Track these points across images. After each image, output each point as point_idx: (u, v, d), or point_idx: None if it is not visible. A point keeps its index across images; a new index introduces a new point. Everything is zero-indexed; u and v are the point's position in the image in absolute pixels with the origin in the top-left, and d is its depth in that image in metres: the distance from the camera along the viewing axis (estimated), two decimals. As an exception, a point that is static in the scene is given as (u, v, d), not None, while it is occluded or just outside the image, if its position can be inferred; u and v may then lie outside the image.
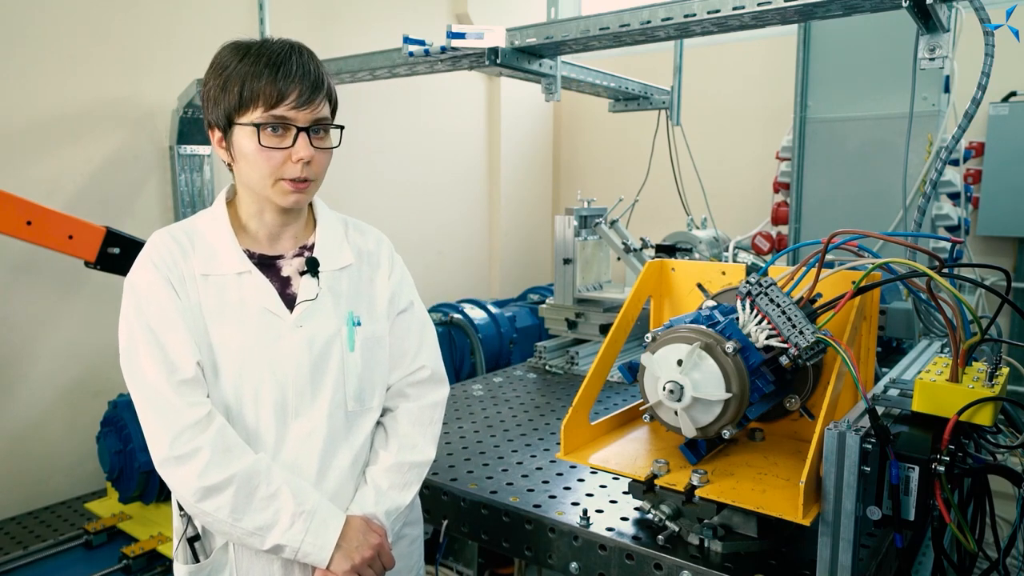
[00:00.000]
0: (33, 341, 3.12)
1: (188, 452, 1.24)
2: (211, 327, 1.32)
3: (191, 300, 1.33)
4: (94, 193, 3.26)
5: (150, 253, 1.34)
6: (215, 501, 1.24)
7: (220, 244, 1.37)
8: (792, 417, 1.63)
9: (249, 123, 1.28)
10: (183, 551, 1.35)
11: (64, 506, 3.12)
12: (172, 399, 1.25)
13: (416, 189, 4.87)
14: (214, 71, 1.32)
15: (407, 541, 1.55)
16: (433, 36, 2.57)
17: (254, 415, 1.33)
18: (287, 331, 1.36)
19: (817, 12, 1.91)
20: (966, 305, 1.26)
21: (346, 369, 1.40)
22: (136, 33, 3.36)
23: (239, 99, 1.28)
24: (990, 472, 1.28)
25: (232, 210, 1.42)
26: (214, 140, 1.36)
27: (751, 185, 4.53)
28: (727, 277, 1.72)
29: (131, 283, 1.33)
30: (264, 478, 1.28)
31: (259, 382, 1.33)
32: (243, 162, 1.32)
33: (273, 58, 1.28)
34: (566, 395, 2.57)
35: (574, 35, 2.23)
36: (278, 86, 1.26)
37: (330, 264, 1.43)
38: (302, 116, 1.29)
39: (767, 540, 1.43)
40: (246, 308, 1.34)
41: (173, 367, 1.27)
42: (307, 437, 1.36)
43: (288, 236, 1.44)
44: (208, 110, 1.34)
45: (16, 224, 2.45)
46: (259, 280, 1.37)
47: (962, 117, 1.76)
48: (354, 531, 1.33)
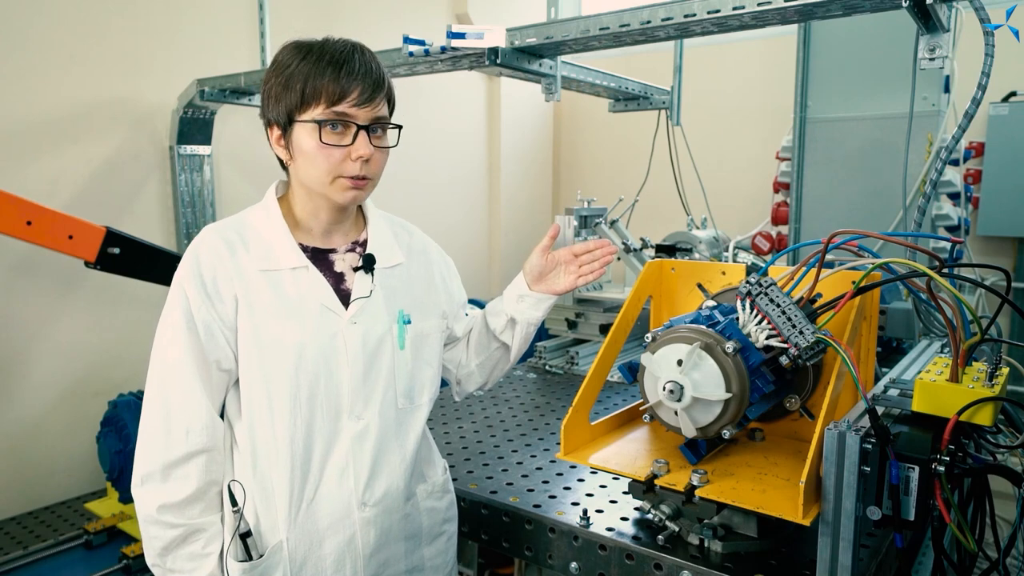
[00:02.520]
0: (33, 341, 3.12)
1: (176, 479, 1.29)
2: (266, 323, 1.32)
3: (244, 298, 1.31)
4: (94, 193, 3.26)
5: (197, 252, 1.33)
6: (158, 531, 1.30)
7: (275, 239, 1.37)
8: (792, 417, 1.63)
9: (310, 120, 1.29)
10: (235, 547, 1.32)
11: (64, 506, 3.12)
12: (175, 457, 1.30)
13: (416, 189, 4.87)
14: (276, 70, 1.32)
15: (445, 537, 1.57)
16: (433, 36, 2.57)
17: (308, 413, 1.33)
18: (343, 328, 1.36)
19: (817, 12, 1.91)
20: (966, 305, 1.26)
21: (397, 367, 1.42)
22: (136, 33, 3.36)
23: (301, 96, 1.28)
24: (990, 472, 1.28)
25: (283, 205, 1.42)
26: (272, 138, 1.36)
27: (751, 185, 4.53)
28: (727, 277, 1.72)
29: (177, 284, 1.33)
30: (204, 538, 1.31)
31: (315, 380, 1.33)
32: (302, 159, 1.32)
33: (336, 56, 1.29)
34: (566, 395, 2.57)
35: (574, 35, 2.23)
36: (340, 83, 1.28)
37: (384, 261, 1.45)
38: (363, 114, 1.31)
39: (767, 540, 1.43)
40: (303, 304, 1.34)
41: (170, 441, 1.30)
42: (360, 436, 1.37)
43: (341, 232, 1.45)
44: (268, 108, 1.34)
45: (16, 224, 2.45)
46: (315, 276, 1.37)
47: (962, 117, 1.76)
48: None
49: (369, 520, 1.39)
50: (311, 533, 1.35)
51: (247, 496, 1.33)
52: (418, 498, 1.49)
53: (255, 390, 1.32)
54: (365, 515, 1.38)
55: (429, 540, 1.52)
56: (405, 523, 1.46)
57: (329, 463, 1.36)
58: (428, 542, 1.52)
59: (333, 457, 1.36)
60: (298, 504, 1.34)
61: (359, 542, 1.38)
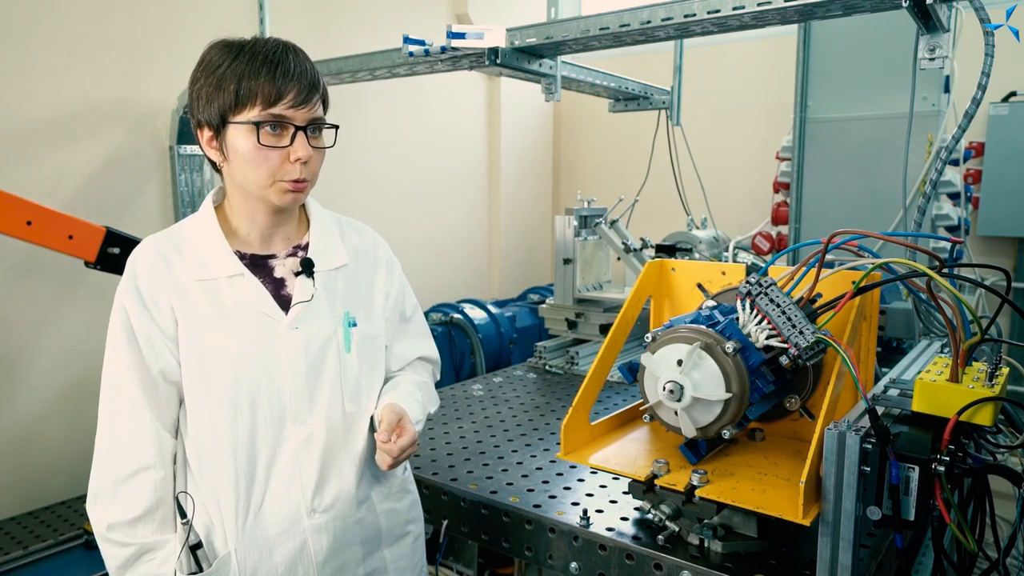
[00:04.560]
0: (33, 341, 3.12)
1: (125, 496, 1.29)
2: (204, 332, 1.31)
3: (181, 309, 1.30)
4: (94, 193, 3.26)
5: (135, 266, 1.33)
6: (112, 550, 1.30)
7: (209, 248, 1.35)
8: (792, 417, 1.63)
9: (246, 121, 1.26)
10: (185, 559, 1.32)
11: (64, 506, 3.12)
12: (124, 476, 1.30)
13: (416, 189, 4.87)
14: (205, 69, 1.30)
15: (411, 539, 1.54)
16: (433, 36, 2.57)
17: (250, 421, 1.31)
18: (283, 333, 1.34)
19: (817, 12, 1.91)
20: (966, 305, 1.26)
21: (343, 370, 1.39)
22: (136, 33, 3.36)
23: (235, 97, 1.26)
24: (990, 472, 1.28)
25: (220, 214, 1.41)
26: (203, 140, 1.34)
27: (751, 185, 4.52)
28: (727, 277, 1.72)
29: (117, 299, 1.32)
30: (159, 557, 1.31)
31: (255, 387, 1.32)
32: (238, 161, 1.30)
33: (270, 56, 1.27)
34: (566, 395, 2.58)
35: (574, 35, 2.23)
36: (276, 84, 1.25)
37: (325, 264, 1.42)
38: (299, 115, 1.28)
39: (767, 540, 1.43)
40: (240, 312, 1.33)
41: (119, 461, 1.30)
42: (306, 442, 1.35)
43: (281, 236, 1.42)
44: (198, 109, 1.31)
45: (16, 224, 2.45)
46: (252, 283, 1.35)
47: (962, 117, 1.76)
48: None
49: (320, 527, 1.36)
50: (260, 542, 1.33)
51: (196, 507, 1.32)
52: (374, 500, 1.46)
53: (197, 400, 1.31)
54: (315, 522, 1.36)
55: (391, 542, 1.49)
56: (360, 527, 1.42)
57: (275, 470, 1.34)
58: (389, 544, 1.49)
59: (279, 464, 1.34)
60: (244, 513, 1.32)
61: (311, 549, 1.36)
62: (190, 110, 1.35)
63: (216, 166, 1.38)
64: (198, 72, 1.31)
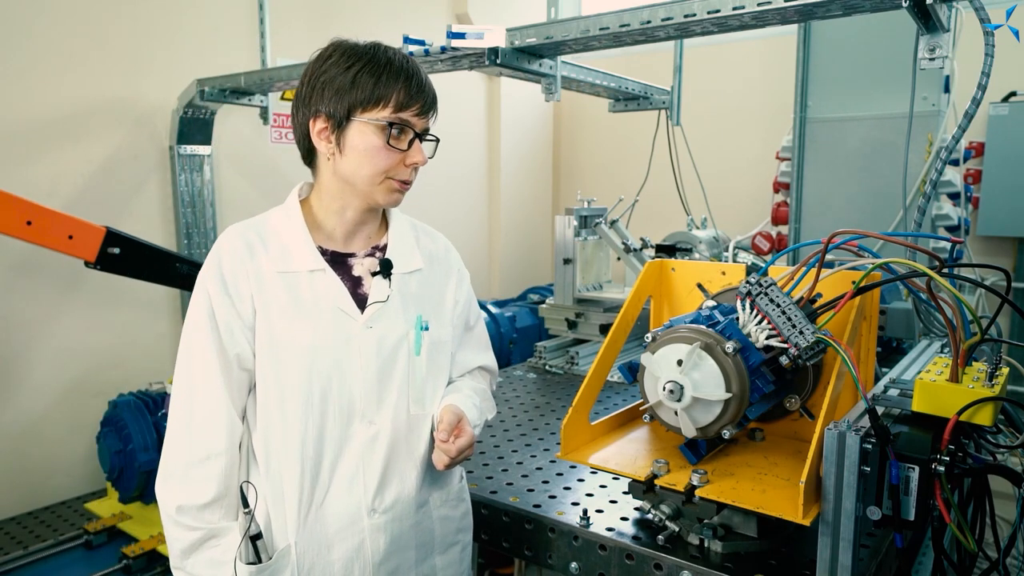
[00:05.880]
0: (33, 341, 3.12)
1: (197, 480, 1.29)
2: (281, 324, 1.32)
3: (260, 299, 1.32)
4: (94, 193, 3.26)
5: (219, 252, 1.34)
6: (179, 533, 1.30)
7: (293, 241, 1.37)
8: (792, 417, 1.63)
9: (375, 120, 1.30)
10: (246, 549, 1.32)
11: (64, 506, 3.12)
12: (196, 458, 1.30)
13: (416, 189, 4.82)
14: (336, 62, 1.31)
15: (459, 548, 1.54)
16: (433, 36, 2.57)
17: (320, 416, 1.33)
18: (357, 332, 1.36)
19: (817, 12, 1.91)
20: (966, 305, 1.26)
21: (412, 373, 1.41)
22: (136, 33, 3.36)
23: (371, 95, 1.29)
24: (990, 472, 1.28)
25: (305, 207, 1.43)
26: (315, 129, 1.34)
27: (751, 185, 4.52)
28: (727, 277, 1.72)
29: (200, 283, 1.33)
30: (224, 543, 1.31)
31: (327, 382, 1.33)
32: (354, 155, 1.32)
33: (405, 66, 1.33)
34: (566, 395, 2.58)
35: (574, 35, 2.23)
36: (411, 92, 1.32)
37: (402, 267, 1.44)
38: (420, 123, 1.35)
39: (767, 540, 1.43)
40: (318, 306, 1.34)
41: (194, 443, 1.30)
42: (371, 442, 1.36)
43: (363, 236, 1.45)
44: (324, 98, 1.32)
45: (16, 224, 2.45)
46: (332, 279, 1.37)
47: (962, 117, 1.76)
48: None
49: (379, 527, 1.37)
50: (319, 538, 1.34)
51: (259, 498, 1.33)
52: (431, 506, 1.47)
53: (269, 391, 1.32)
54: (375, 522, 1.37)
55: (442, 549, 1.50)
56: (416, 531, 1.44)
57: (339, 468, 1.35)
58: (441, 551, 1.50)
59: (344, 462, 1.35)
60: (307, 508, 1.33)
61: (368, 549, 1.37)
62: (304, 99, 1.35)
63: (310, 158, 1.40)
64: (324, 65, 1.33)
